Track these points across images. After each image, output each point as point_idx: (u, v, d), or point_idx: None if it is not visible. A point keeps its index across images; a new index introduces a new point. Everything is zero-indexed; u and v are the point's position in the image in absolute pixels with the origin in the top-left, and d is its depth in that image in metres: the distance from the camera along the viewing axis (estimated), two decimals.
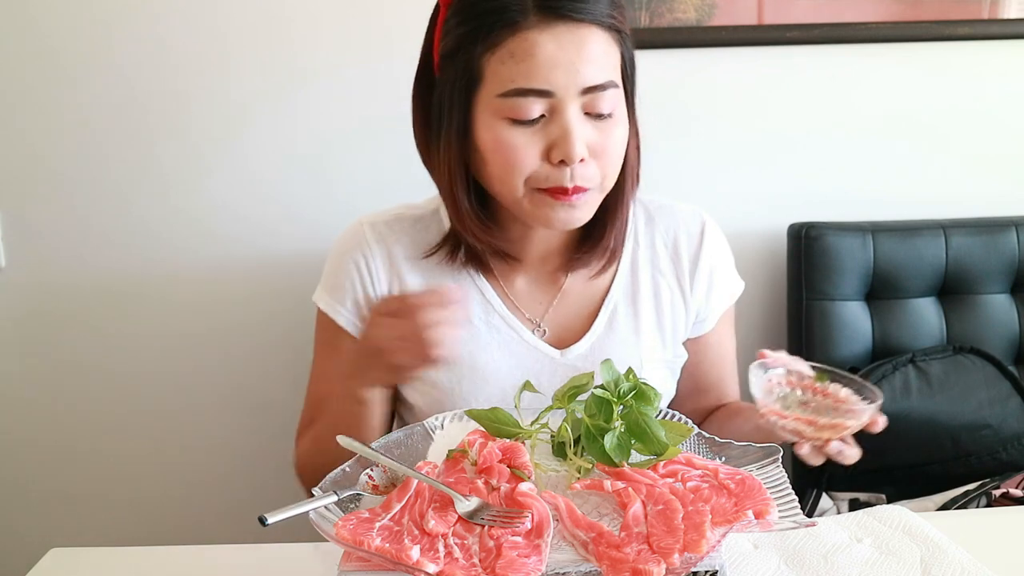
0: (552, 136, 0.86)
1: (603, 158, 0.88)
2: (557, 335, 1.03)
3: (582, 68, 0.84)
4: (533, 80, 0.84)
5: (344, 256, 1.04)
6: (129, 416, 1.61)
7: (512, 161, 0.87)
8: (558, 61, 0.83)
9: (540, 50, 0.83)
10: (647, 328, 1.03)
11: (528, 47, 0.83)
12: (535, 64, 0.83)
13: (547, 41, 0.83)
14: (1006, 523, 0.93)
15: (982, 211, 1.55)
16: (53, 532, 1.64)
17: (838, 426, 0.79)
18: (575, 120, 0.85)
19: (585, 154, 0.86)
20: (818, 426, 0.80)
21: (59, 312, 1.56)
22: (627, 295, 1.04)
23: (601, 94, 0.85)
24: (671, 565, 0.62)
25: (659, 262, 1.05)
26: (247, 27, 1.46)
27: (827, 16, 1.49)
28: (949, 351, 1.44)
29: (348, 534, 0.64)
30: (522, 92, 0.84)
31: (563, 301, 1.03)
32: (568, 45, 0.83)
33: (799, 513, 0.69)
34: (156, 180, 1.51)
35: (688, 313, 1.06)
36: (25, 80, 1.47)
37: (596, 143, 0.87)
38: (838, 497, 1.42)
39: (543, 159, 0.87)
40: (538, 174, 0.87)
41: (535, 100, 0.84)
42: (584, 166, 0.87)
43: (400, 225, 1.04)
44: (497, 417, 0.80)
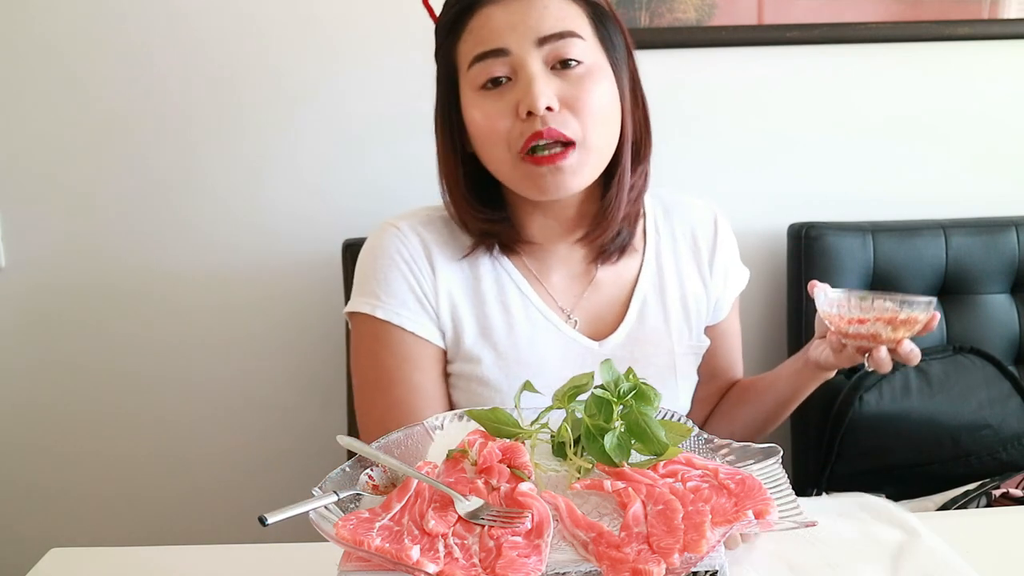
0: (518, 92, 0.90)
1: (578, 109, 0.90)
2: (589, 325, 1.05)
3: (532, 23, 0.89)
4: (488, 43, 0.90)
5: (390, 258, 1.01)
6: (129, 416, 1.61)
7: (490, 124, 0.92)
8: (508, 21, 0.90)
9: (493, 19, 0.90)
10: (675, 317, 1.07)
11: (483, 21, 0.91)
12: (488, 30, 0.90)
13: (498, 11, 0.91)
14: (1006, 523, 0.93)
15: (982, 211, 1.55)
16: (53, 532, 1.64)
17: (911, 320, 0.89)
18: (537, 72, 0.89)
19: (554, 103, 0.89)
20: (896, 323, 0.89)
21: (59, 312, 1.56)
22: (655, 286, 1.07)
23: (560, 43, 0.90)
24: (671, 565, 0.62)
25: (680, 252, 1.09)
26: (250, 28, 1.46)
27: (827, 16, 1.49)
28: (949, 351, 1.44)
29: (348, 534, 0.64)
30: (480, 57, 0.91)
31: (594, 292, 1.06)
32: (516, 9, 0.90)
33: (799, 513, 0.69)
34: (156, 181, 1.51)
35: (709, 301, 1.10)
36: (25, 80, 1.47)
37: (567, 95, 0.90)
38: (838, 497, 1.42)
39: (516, 117, 0.91)
40: (513, 132, 0.91)
41: (494, 61, 0.90)
42: (558, 116, 0.90)
43: (433, 225, 1.04)
44: (497, 417, 0.80)
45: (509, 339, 1.01)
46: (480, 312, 1.02)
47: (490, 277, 1.03)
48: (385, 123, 1.48)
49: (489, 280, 1.03)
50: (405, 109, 1.47)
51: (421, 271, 1.01)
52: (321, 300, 1.53)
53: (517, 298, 1.03)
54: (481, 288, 1.02)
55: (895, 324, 0.90)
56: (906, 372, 1.41)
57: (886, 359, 0.92)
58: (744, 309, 1.09)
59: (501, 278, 1.03)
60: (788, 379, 1.09)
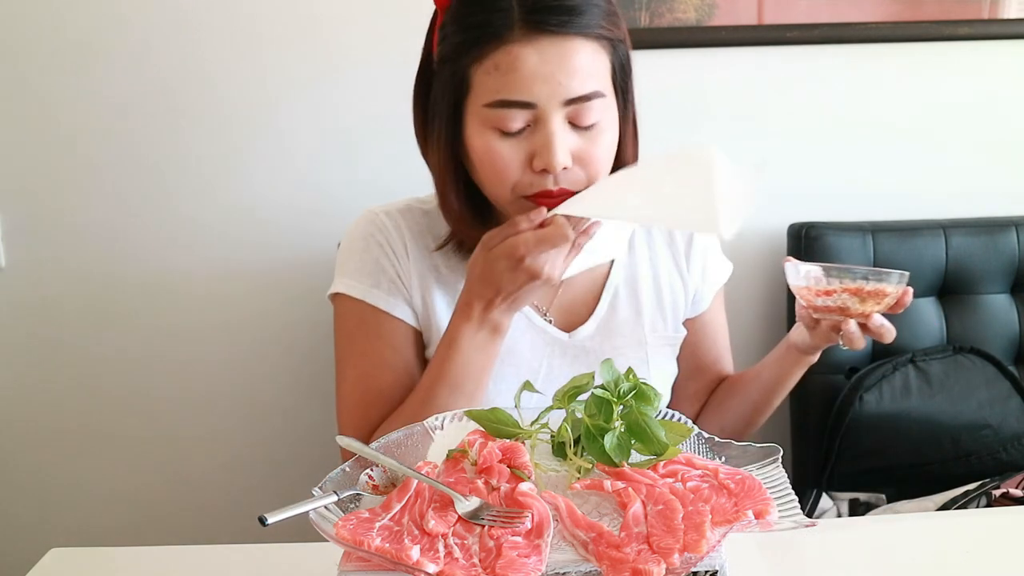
0: (535, 145, 0.88)
1: (589, 165, 0.91)
2: (562, 319, 1.07)
3: (564, 80, 0.86)
4: (516, 92, 0.86)
5: (365, 240, 1.04)
6: (129, 416, 1.61)
7: (498, 169, 0.90)
8: (540, 74, 0.85)
9: (523, 63, 0.86)
10: (648, 308, 1.08)
11: (512, 60, 0.86)
12: (518, 77, 0.86)
13: (530, 55, 0.85)
14: (1006, 523, 0.93)
15: (982, 211, 1.55)
16: (53, 532, 1.64)
17: (880, 292, 0.90)
18: (558, 130, 0.87)
19: (568, 162, 0.89)
20: (863, 294, 0.90)
21: (59, 312, 1.56)
22: (626, 279, 1.08)
23: (586, 104, 0.88)
24: (671, 565, 0.62)
25: (655, 245, 1.10)
26: (251, 28, 1.46)
27: (827, 16, 1.49)
28: (949, 351, 1.44)
29: (348, 534, 0.64)
30: (505, 104, 0.87)
31: (566, 289, 1.07)
32: (551, 58, 0.86)
33: (799, 513, 0.69)
34: (157, 180, 1.51)
35: (687, 292, 1.11)
36: (25, 79, 1.47)
37: (581, 151, 0.90)
38: (838, 497, 1.42)
39: (527, 167, 0.90)
40: (522, 182, 0.90)
41: (518, 112, 0.87)
42: (569, 172, 0.90)
43: (411, 215, 1.06)
44: (497, 417, 0.80)
45: None
46: (452, 301, 1.03)
47: (460, 271, 1.03)
48: (384, 121, 1.48)
49: (458, 274, 1.03)
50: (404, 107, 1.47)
51: (395, 253, 1.03)
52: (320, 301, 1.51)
53: None
54: (452, 280, 1.04)
55: (862, 296, 0.90)
56: (906, 372, 1.41)
57: (856, 333, 0.92)
58: (744, 309, 1.09)
59: None
60: (772, 366, 1.09)
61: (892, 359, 1.43)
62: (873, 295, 0.91)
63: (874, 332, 0.94)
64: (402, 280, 1.03)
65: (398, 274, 1.03)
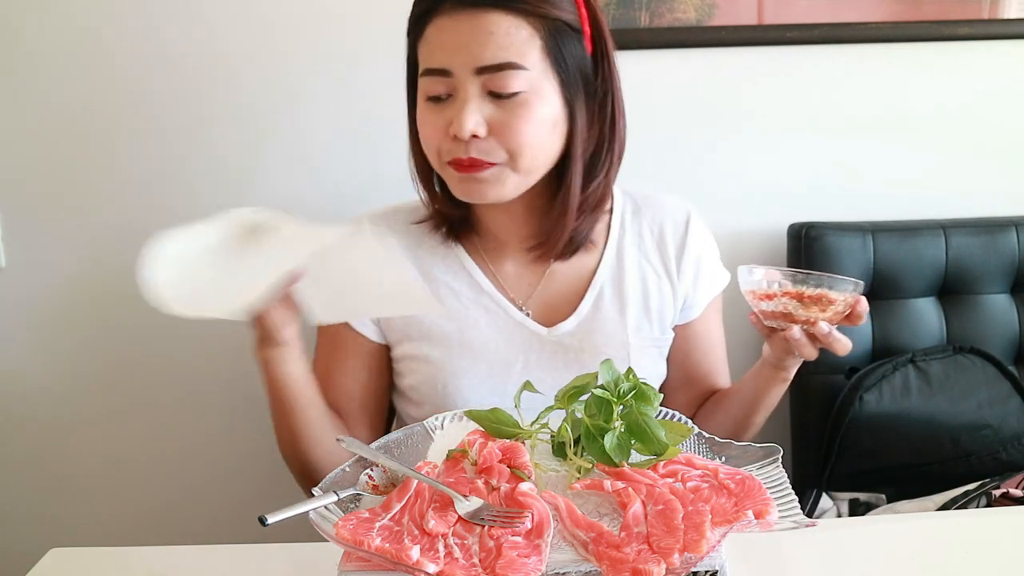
0: (451, 112, 0.93)
1: (505, 136, 0.93)
2: (543, 315, 1.07)
3: (475, 49, 0.90)
4: (435, 60, 0.93)
5: None
6: (129, 416, 1.61)
7: (426, 136, 0.97)
8: (454, 42, 0.92)
9: (443, 34, 0.93)
10: (633, 310, 1.07)
11: (436, 32, 0.93)
12: (438, 46, 0.93)
13: (450, 26, 0.92)
14: (1006, 523, 0.93)
15: (982, 211, 1.55)
16: (53, 532, 1.64)
17: (822, 297, 0.86)
18: (470, 99, 0.92)
19: (481, 131, 0.92)
20: (805, 299, 0.86)
21: (59, 313, 1.56)
22: (613, 278, 1.08)
23: (500, 74, 0.91)
24: (671, 565, 0.62)
25: (646, 248, 1.10)
26: (252, 27, 1.46)
27: (827, 16, 1.49)
28: (949, 351, 1.44)
29: (348, 534, 0.64)
30: (428, 72, 0.94)
31: (548, 284, 1.08)
32: (464, 28, 0.91)
33: (799, 513, 0.69)
34: (157, 180, 1.51)
35: (676, 298, 1.10)
36: (25, 79, 1.46)
37: (498, 121, 0.92)
38: (838, 497, 1.42)
39: (446, 135, 0.94)
40: (443, 148, 0.95)
41: (438, 79, 0.93)
42: (484, 143, 0.93)
43: (396, 216, 1.11)
44: (497, 417, 0.80)
45: (454, 320, 1.06)
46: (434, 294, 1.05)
47: (442, 263, 1.08)
48: (386, 121, 1.48)
49: (441, 266, 1.08)
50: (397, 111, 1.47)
51: None
52: None
53: (467, 285, 1.07)
54: (433, 273, 1.08)
55: (803, 300, 0.88)
56: (906, 372, 1.41)
57: (801, 340, 0.90)
58: (744, 310, 1.07)
59: (451, 263, 1.08)
60: (750, 382, 1.07)
61: (892, 359, 1.43)
62: (815, 300, 0.87)
63: (821, 341, 0.90)
64: None
65: None
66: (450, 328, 1.06)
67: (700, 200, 1.17)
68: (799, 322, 0.89)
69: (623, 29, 1.46)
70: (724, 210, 1.53)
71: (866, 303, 0.90)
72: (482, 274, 1.08)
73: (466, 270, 1.08)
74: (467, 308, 1.06)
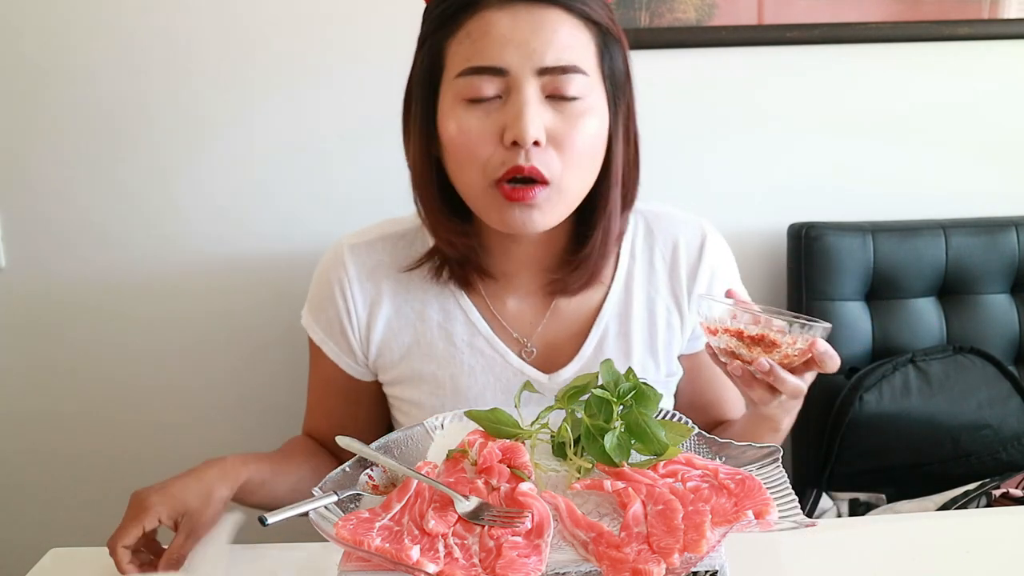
0: (506, 117, 0.83)
1: (565, 148, 0.84)
2: (545, 356, 1.00)
3: (538, 47, 0.81)
4: (486, 57, 0.82)
5: (323, 278, 1.04)
6: (129, 416, 1.61)
7: (468, 144, 0.84)
8: (512, 39, 0.81)
9: (495, 28, 0.82)
10: (638, 350, 1.00)
11: (484, 26, 0.82)
12: (489, 41, 0.82)
13: (502, 19, 0.82)
14: (1006, 523, 0.93)
15: (982, 211, 1.55)
16: (53, 532, 1.63)
17: (764, 338, 0.78)
18: (531, 100, 0.82)
19: (541, 136, 0.82)
20: (746, 338, 0.79)
21: (59, 313, 1.56)
22: (618, 316, 1.00)
23: (562, 77, 0.82)
24: (671, 565, 0.62)
25: (656, 278, 1.01)
26: (251, 25, 1.46)
27: (827, 16, 1.49)
28: (949, 351, 1.44)
29: (348, 534, 0.64)
30: (476, 70, 0.83)
31: (552, 321, 1.00)
32: (524, 24, 0.82)
33: (799, 513, 0.69)
34: (158, 180, 1.51)
35: (684, 329, 1.02)
36: (25, 79, 1.46)
37: (557, 130, 0.83)
38: (838, 497, 1.42)
39: (498, 142, 0.84)
40: (493, 159, 0.84)
41: (489, 78, 0.82)
42: (542, 152, 0.83)
43: (383, 244, 1.01)
44: (497, 417, 0.80)
45: (447, 369, 0.99)
46: (423, 338, 1.00)
47: (436, 303, 0.99)
48: (387, 120, 1.48)
49: (435, 306, 0.99)
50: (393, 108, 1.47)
51: (355, 300, 1.01)
52: None
53: (463, 326, 0.99)
54: (426, 313, 1.00)
55: (745, 340, 0.80)
56: (906, 372, 1.41)
57: (741, 374, 0.81)
58: None
59: (447, 304, 0.99)
60: (741, 420, 1.00)
61: (892, 359, 1.43)
62: (757, 341, 0.79)
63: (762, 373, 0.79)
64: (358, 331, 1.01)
65: (356, 325, 1.01)
66: (443, 375, 0.99)
67: (700, 200, 1.17)
68: (744, 361, 0.81)
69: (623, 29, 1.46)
70: (724, 210, 1.53)
71: (825, 346, 0.79)
72: (479, 315, 0.99)
73: (462, 310, 0.99)
74: (461, 353, 0.98)
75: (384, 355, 1.02)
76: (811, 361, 0.80)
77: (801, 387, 0.81)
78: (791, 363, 0.80)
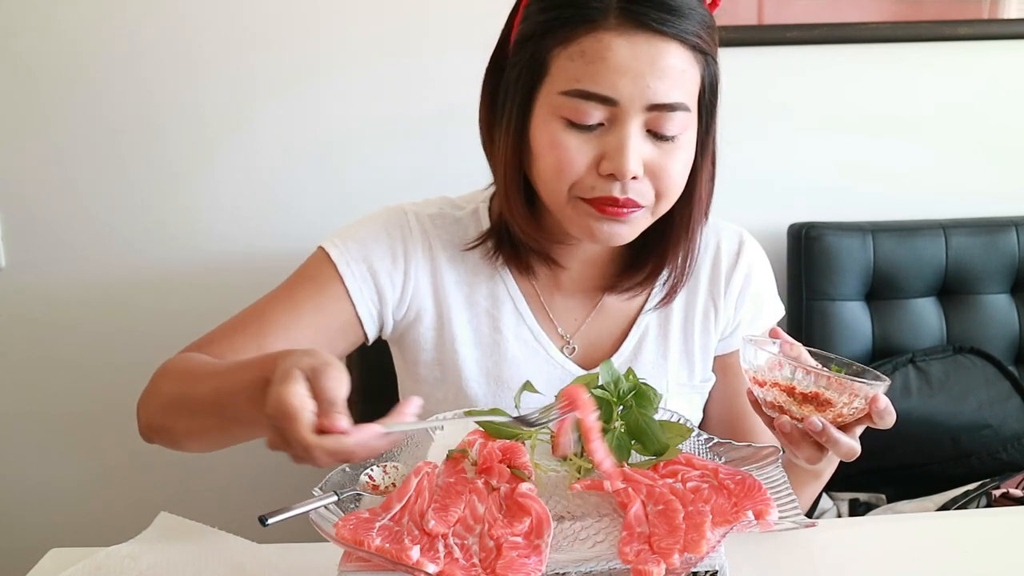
0: (607, 146, 0.81)
1: (660, 180, 0.83)
2: (586, 352, 1.00)
3: (653, 83, 0.79)
4: (599, 84, 0.79)
5: (384, 230, 0.97)
6: (129, 416, 1.60)
7: (561, 163, 0.83)
8: (628, 70, 0.79)
9: (612, 54, 0.79)
10: (675, 352, 1.00)
11: (601, 49, 0.79)
12: (604, 68, 0.79)
13: (621, 46, 0.79)
14: (1006, 523, 0.93)
15: (982, 211, 1.55)
16: (53, 532, 1.63)
17: (818, 396, 0.74)
18: (634, 135, 0.80)
19: (639, 172, 0.82)
20: (797, 394, 0.74)
21: (59, 312, 1.56)
22: (659, 316, 1.00)
23: (669, 115, 0.81)
24: (671, 565, 0.62)
25: (696, 283, 1.01)
26: (254, 25, 1.46)
27: (827, 16, 1.49)
28: (949, 351, 1.44)
29: (348, 534, 0.64)
30: (585, 95, 0.80)
31: (597, 318, 1.00)
32: (643, 55, 0.79)
33: (799, 513, 0.70)
34: (158, 180, 1.51)
35: (717, 329, 1.02)
36: (25, 79, 1.46)
37: (654, 163, 0.83)
38: (838, 497, 1.42)
39: (592, 168, 0.82)
40: (584, 183, 0.83)
41: (596, 106, 0.80)
42: (637, 183, 0.83)
43: (443, 222, 0.99)
44: None
45: (493, 356, 0.98)
46: (473, 323, 0.98)
47: (485, 287, 0.98)
48: (393, 119, 1.48)
49: (483, 290, 0.98)
50: (412, 106, 1.47)
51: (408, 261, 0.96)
52: None
53: (511, 315, 0.98)
54: (474, 297, 0.98)
55: (795, 396, 0.75)
56: (906, 372, 1.41)
57: (789, 431, 0.77)
58: None
59: (498, 291, 0.98)
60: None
61: (892, 359, 1.43)
62: (811, 399, 0.74)
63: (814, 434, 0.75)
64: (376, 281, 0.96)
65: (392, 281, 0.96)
66: (487, 363, 0.97)
67: None
68: (793, 418, 0.76)
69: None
70: (724, 210, 1.51)
71: (885, 403, 0.76)
72: (527, 305, 0.98)
73: (511, 299, 0.98)
74: (507, 341, 0.97)
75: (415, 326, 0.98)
76: (865, 416, 0.77)
77: (855, 449, 0.77)
78: (844, 421, 0.76)
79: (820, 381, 0.75)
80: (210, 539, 0.89)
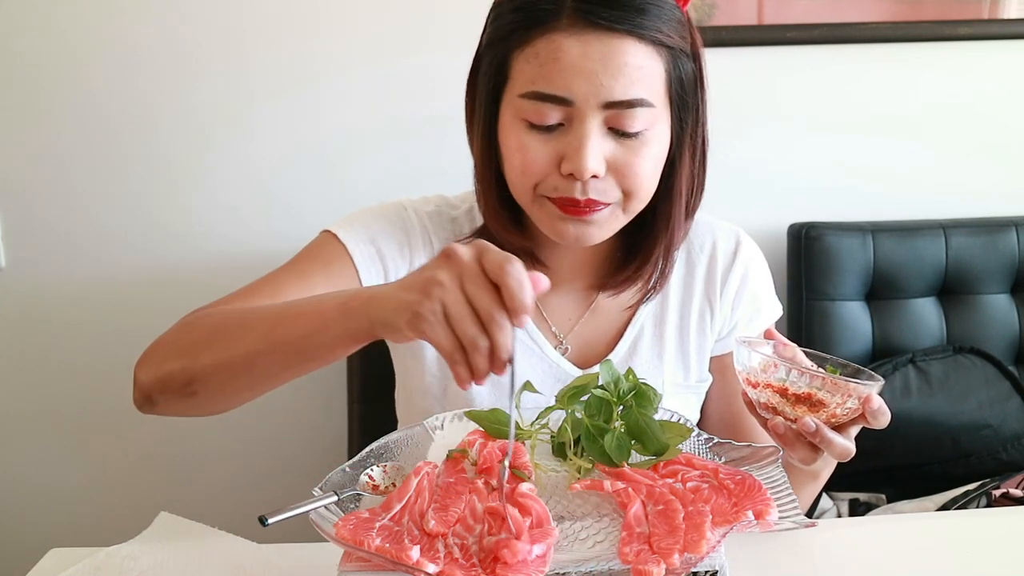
0: (566, 147, 0.82)
1: (626, 177, 0.83)
2: (580, 352, 1.00)
3: (607, 81, 0.79)
4: (552, 85, 0.80)
5: (389, 222, 0.98)
6: (129, 416, 1.60)
7: (524, 165, 0.84)
8: (581, 69, 0.79)
9: (564, 55, 0.79)
10: (670, 353, 1.00)
11: (553, 50, 0.80)
12: (557, 68, 0.79)
13: (573, 46, 0.79)
14: (1006, 523, 0.93)
15: (982, 211, 1.55)
16: (53, 532, 1.64)
17: (811, 396, 0.74)
18: (592, 134, 0.81)
19: (600, 170, 0.82)
20: (790, 395, 0.75)
21: (59, 312, 1.56)
22: (655, 316, 1.00)
23: (628, 111, 0.80)
24: (671, 565, 0.62)
25: (692, 282, 1.01)
26: (253, 25, 1.46)
27: (827, 16, 1.49)
28: (949, 351, 1.44)
29: (348, 534, 0.64)
30: (541, 96, 0.81)
31: (591, 318, 1.00)
32: (595, 54, 0.79)
33: (799, 513, 0.70)
34: (158, 180, 1.51)
35: (713, 330, 1.02)
36: (25, 79, 1.47)
37: (619, 160, 0.83)
38: (838, 497, 1.42)
39: (555, 168, 0.83)
40: (547, 183, 0.84)
41: (553, 107, 0.81)
42: (600, 182, 0.83)
43: (440, 220, 1.00)
44: (497, 417, 0.80)
45: None
46: None
47: None
48: (391, 119, 1.48)
49: None
50: (410, 107, 1.47)
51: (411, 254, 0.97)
52: None
53: None
54: None
55: (788, 397, 0.75)
56: (906, 372, 1.41)
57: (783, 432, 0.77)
58: None
59: None
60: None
61: (892, 359, 1.43)
62: (804, 400, 0.74)
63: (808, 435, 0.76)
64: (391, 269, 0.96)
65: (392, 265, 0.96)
66: None
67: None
68: (787, 419, 0.77)
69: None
70: (724, 210, 1.51)
71: (879, 403, 0.75)
72: None
73: None
74: None
75: None
76: (860, 416, 0.77)
77: (850, 449, 0.78)
78: (838, 421, 0.76)
79: (813, 382, 0.75)
80: (210, 539, 0.89)
